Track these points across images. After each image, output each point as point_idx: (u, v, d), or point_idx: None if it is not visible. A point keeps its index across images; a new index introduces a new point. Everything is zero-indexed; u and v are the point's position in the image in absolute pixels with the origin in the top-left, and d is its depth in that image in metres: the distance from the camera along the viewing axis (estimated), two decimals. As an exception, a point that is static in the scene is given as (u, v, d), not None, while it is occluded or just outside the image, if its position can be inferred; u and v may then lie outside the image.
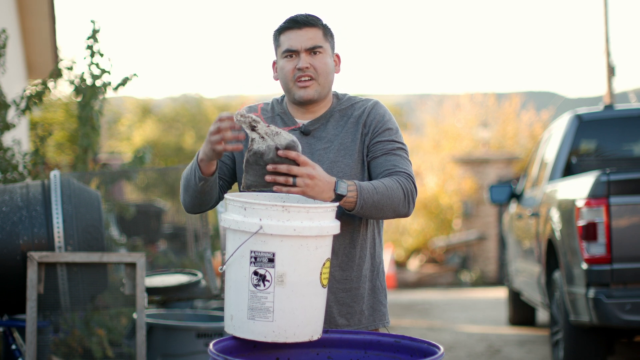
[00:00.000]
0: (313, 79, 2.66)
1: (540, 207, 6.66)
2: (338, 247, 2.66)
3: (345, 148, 2.69)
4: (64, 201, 4.19)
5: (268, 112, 2.79)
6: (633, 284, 5.27)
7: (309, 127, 2.72)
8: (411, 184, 2.62)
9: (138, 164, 5.99)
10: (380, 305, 2.77)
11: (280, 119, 2.76)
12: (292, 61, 2.67)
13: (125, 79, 5.83)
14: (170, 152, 26.90)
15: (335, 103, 2.77)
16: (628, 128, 6.87)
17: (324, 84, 2.68)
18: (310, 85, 2.67)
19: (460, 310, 10.90)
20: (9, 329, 4.38)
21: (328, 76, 2.69)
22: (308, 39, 2.66)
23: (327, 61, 2.69)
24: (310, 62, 2.66)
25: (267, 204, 2.32)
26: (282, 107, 2.78)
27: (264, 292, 2.33)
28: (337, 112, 2.75)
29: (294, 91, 2.68)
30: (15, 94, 6.44)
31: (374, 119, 2.71)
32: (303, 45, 2.65)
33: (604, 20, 15.66)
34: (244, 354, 2.41)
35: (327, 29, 2.72)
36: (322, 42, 2.68)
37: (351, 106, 2.76)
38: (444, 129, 22.72)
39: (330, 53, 2.72)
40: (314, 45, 2.66)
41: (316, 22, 2.69)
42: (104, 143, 18.69)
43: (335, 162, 2.67)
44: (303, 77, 2.66)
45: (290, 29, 2.67)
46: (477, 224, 17.60)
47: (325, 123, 2.73)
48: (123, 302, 4.86)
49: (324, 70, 2.67)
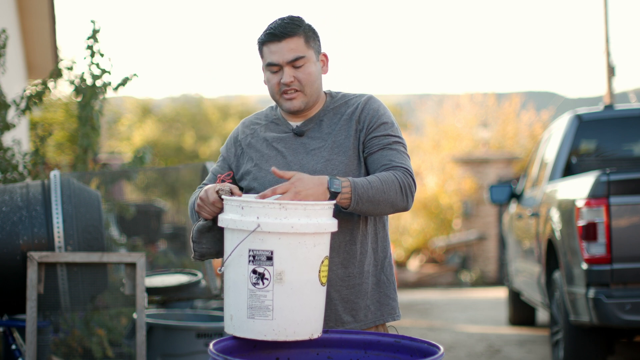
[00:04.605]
0: (298, 91, 2.67)
1: (540, 207, 6.66)
2: (338, 245, 2.66)
3: (339, 145, 2.68)
4: (64, 201, 4.19)
5: (262, 120, 2.82)
6: (633, 284, 5.27)
7: (302, 127, 2.73)
8: (408, 177, 2.61)
9: (138, 164, 5.99)
10: (388, 299, 2.76)
11: (275, 124, 2.78)
12: (276, 75, 2.67)
13: (125, 79, 5.83)
14: (170, 152, 26.92)
15: (328, 102, 2.77)
16: (628, 128, 6.87)
17: (310, 93, 2.69)
18: (296, 97, 2.67)
19: (460, 310, 10.90)
20: (9, 329, 4.38)
21: (314, 84, 2.69)
22: (289, 51, 2.64)
23: (312, 70, 2.67)
24: (294, 75, 2.65)
25: (265, 202, 2.33)
26: (276, 113, 2.81)
27: (263, 291, 2.33)
28: (330, 110, 2.75)
29: (281, 103, 2.71)
30: (15, 94, 6.44)
31: (368, 114, 2.70)
32: (284, 58, 2.64)
33: (604, 20, 15.65)
34: (244, 354, 2.41)
35: (309, 33, 2.68)
36: (303, 51, 2.65)
37: (344, 103, 2.76)
38: (444, 129, 22.71)
39: (314, 59, 2.69)
40: (296, 56, 2.64)
41: (295, 30, 2.65)
42: (104, 143, 18.69)
43: (329, 160, 2.67)
44: (289, 90, 2.67)
45: (271, 41, 2.65)
46: (477, 224, 17.60)
47: (318, 122, 2.73)
48: (123, 302, 4.86)
49: (309, 81, 2.67)
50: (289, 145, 2.72)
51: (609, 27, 15.67)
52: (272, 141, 2.75)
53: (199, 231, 2.65)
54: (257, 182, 2.71)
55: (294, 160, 2.69)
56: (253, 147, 2.77)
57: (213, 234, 2.64)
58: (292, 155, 2.71)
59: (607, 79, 15.73)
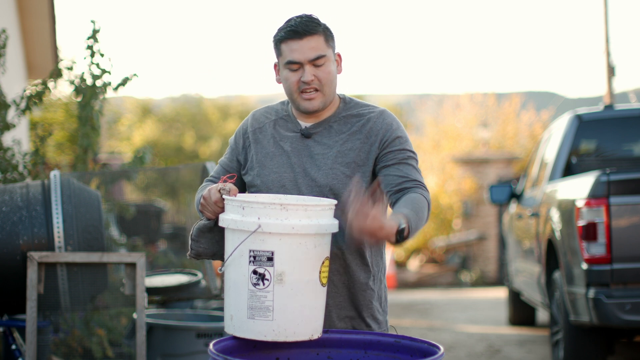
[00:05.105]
0: (318, 91, 2.64)
1: (540, 207, 6.66)
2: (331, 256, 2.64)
3: (343, 156, 2.65)
4: (64, 201, 4.19)
5: (272, 115, 2.78)
6: (633, 284, 5.27)
7: (311, 130, 2.70)
8: (429, 194, 2.62)
9: (138, 164, 5.99)
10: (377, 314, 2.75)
11: (284, 121, 2.75)
12: (296, 73, 2.63)
13: (125, 79, 5.83)
14: (170, 152, 26.92)
15: (341, 108, 2.73)
16: (628, 128, 6.87)
17: (328, 93, 2.66)
18: (315, 97, 2.64)
19: (460, 310, 10.90)
20: (9, 329, 4.38)
21: (332, 84, 2.66)
22: (310, 49, 2.61)
23: (331, 69, 2.65)
24: (315, 74, 2.62)
25: (266, 203, 2.32)
26: (287, 110, 2.77)
27: (264, 291, 2.33)
28: (341, 118, 2.71)
29: (298, 102, 2.66)
30: (15, 94, 6.44)
31: (382, 128, 2.67)
32: (306, 56, 2.61)
33: (604, 20, 15.65)
34: (244, 354, 2.41)
35: (328, 32, 2.67)
36: (324, 50, 2.63)
37: (357, 114, 2.71)
38: (444, 129, 22.72)
39: (332, 58, 2.67)
40: (317, 55, 2.61)
41: (316, 28, 2.63)
42: (104, 143, 18.69)
43: (332, 168, 2.64)
44: (308, 89, 2.63)
45: (291, 39, 2.61)
46: (477, 224, 17.60)
47: (328, 127, 2.70)
48: (123, 302, 4.86)
49: (328, 80, 2.64)
50: (294, 145, 2.70)
51: (609, 27, 15.67)
52: (279, 139, 2.72)
53: (199, 230, 2.65)
54: (260, 180, 2.69)
55: (298, 163, 2.68)
56: (260, 142, 2.74)
57: (213, 234, 2.64)
58: (297, 157, 2.68)
59: (607, 79, 15.72)
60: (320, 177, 2.64)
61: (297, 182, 2.66)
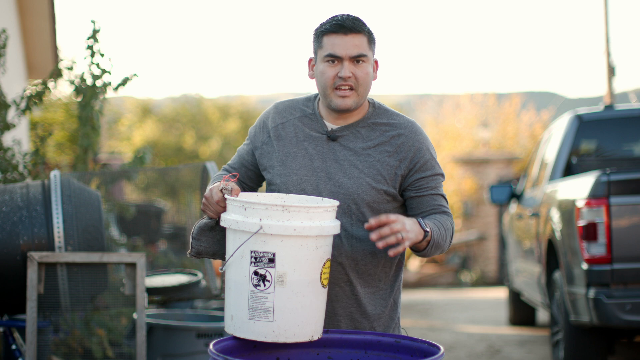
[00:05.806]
0: (353, 89, 2.59)
1: (540, 207, 6.66)
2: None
3: (370, 166, 2.61)
4: (64, 201, 4.18)
5: (297, 112, 2.72)
6: (633, 284, 5.27)
7: (337, 132, 2.65)
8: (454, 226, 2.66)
9: (138, 164, 5.99)
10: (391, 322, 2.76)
11: (309, 120, 2.69)
12: (334, 67, 2.59)
13: (125, 79, 5.83)
14: (170, 152, 26.92)
15: (370, 112, 2.68)
16: (628, 128, 6.86)
17: (362, 93, 2.61)
18: (349, 96, 2.59)
19: (460, 310, 10.90)
20: (9, 329, 4.37)
21: (367, 86, 2.62)
22: (354, 46, 2.57)
23: (369, 70, 2.62)
24: (353, 72, 2.58)
25: (267, 204, 2.31)
26: (313, 108, 2.71)
27: (264, 292, 2.33)
28: (370, 123, 2.66)
29: (331, 98, 2.61)
30: (15, 94, 6.44)
31: (413, 147, 2.64)
32: (348, 52, 2.57)
33: (604, 20, 15.65)
34: (244, 354, 2.41)
35: (372, 36, 2.63)
36: (366, 51, 2.60)
37: (386, 123, 2.67)
38: (444, 129, 22.73)
39: (371, 62, 2.64)
40: (359, 53, 2.58)
41: (363, 27, 2.60)
42: (104, 143, 18.68)
43: (359, 177, 2.61)
44: (343, 85, 2.58)
45: (336, 33, 2.58)
46: (477, 224, 17.60)
47: (355, 132, 2.65)
48: (123, 302, 4.86)
49: (365, 81, 2.60)
50: (319, 147, 2.65)
51: (609, 27, 15.67)
52: (302, 139, 2.67)
53: (200, 229, 2.64)
54: (280, 179, 2.65)
55: (321, 167, 2.63)
56: (282, 140, 2.68)
57: (214, 234, 2.63)
58: (320, 160, 2.63)
59: (607, 79, 15.73)
60: (347, 182, 2.60)
61: (318, 186, 2.62)
